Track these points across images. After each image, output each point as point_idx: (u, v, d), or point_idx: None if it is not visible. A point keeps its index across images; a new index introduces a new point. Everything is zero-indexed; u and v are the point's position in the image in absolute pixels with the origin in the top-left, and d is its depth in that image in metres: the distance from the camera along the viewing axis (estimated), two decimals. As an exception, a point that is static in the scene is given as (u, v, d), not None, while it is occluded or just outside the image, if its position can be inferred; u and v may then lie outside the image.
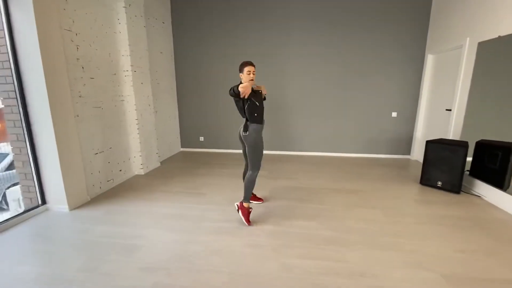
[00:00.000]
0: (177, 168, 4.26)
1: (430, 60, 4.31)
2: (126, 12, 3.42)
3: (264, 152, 5.02)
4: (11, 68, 2.43)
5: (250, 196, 2.51)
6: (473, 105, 3.30)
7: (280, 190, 3.28)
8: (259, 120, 2.42)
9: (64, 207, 2.72)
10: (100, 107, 3.18)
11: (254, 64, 2.37)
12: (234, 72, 4.85)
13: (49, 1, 2.44)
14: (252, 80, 2.31)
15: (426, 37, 4.36)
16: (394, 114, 4.69)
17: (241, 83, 2.32)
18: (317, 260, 1.94)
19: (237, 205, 2.52)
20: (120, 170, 3.59)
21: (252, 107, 2.37)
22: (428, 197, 3.07)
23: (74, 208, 2.78)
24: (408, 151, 4.78)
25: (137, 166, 3.89)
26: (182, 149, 5.47)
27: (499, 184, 2.86)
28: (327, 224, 2.47)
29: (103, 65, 3.22)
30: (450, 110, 3.70)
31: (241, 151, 5.19)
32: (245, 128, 2.42)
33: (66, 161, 2.68)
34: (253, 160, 2.46)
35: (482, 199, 3.02)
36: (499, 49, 2.92)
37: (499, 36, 2.87)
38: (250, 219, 2.47)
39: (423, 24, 4.32)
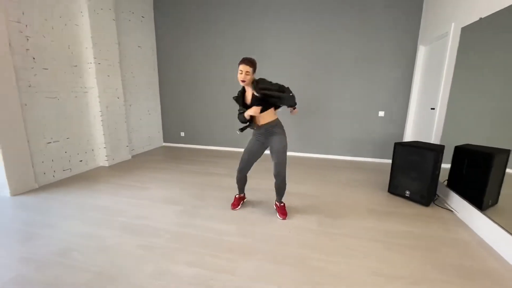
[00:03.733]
0: (145, 161, 4.25)
1: (421, 52, 3.76)
2: (88, 5, 3.46)
3: (238, 149, 4.87)
4: (-46, 57, 2.56)
5: (240, 190, 2.60)
6: (457, 103, 2.78)
7: (224, 189, 3.07)
8: (245, 127, 2.33)
9: (6, 192, 2.82)
10: (55, 97, 3.26)
11: (251, 60, 2.12)
12: (217, 67, 4.75)
13: (-11, -8, 2.53)
14: (243, 81, 2.11)
15: (419, 26, 3.81)
16: (381, 114, 4.19)
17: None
18: (202, 269, 1.72)
19: None
20: (81, 161, 3.66)
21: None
22: (388, 208, 2.65)
23: (17, 194, 2.87)
24: (397, 155, 4.23)
25: (102, 157, 3.94)
26: (164, 144, 5.49)
27: (476, 200, 2.34)
28: (246, 229, 2.22)
29: (60, 56, 3.29)
30: (434, 109, 3.18)
31: (220, 148, 5.08)
32: None
33: (8, 148, 2.76)
34: None
35: (453, 215, 2.52)
36: (482, 36, 2.40)
37: (480, 18, 2.36)
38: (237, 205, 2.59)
39: (416, 10, 3.78)
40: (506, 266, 1.78)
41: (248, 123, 2.27)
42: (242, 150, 4.85)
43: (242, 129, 2.27)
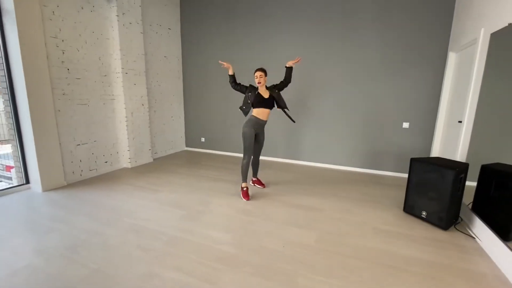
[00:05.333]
0: (164, 165, 4.47)
1: (452, 59, 3.45)
2: (118, 20, 3.80)
3: None
4: (4, 70, 2.98)
5: (244, 178, 3.07)
6: (485, 116, 2.50)
7: (229, 196, 3.10)
8: (245, 113, 3.08)
9: (38, 187, 3.17)
10: (86, 104, 3.61)
11: (263, 68, 3.05)
12: (238, 77, 4.84)
13: (33, 13, 2.91)
14: (259, 83, 2.98)
15: (450, 31, 3.51)
16: (405, 125, 3.91)
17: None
18: (188, 276, 1.76)
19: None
20: (106, 162, 3.98)
21: (244, 100, 3.07)
22: (401, 229, 2.45)
23: (47, 190, 3.21)
24: (422, 170, 3.89)
25: (126, 159, 4.24)
26: (186, 148, 5.72)
27: (502, 228, 2.07)
28: (240, 239, 2.21)
29: (92, 67, 3.64)
30: (461, 122, 2.88)
31: (238, 154, 5.15)
32: None
33: (42, 149, 3.12)
34: (243, 147, 3.05)
35: (475, 242, 2.24)
36: (513, 41, 2.14)
37: (509, 24, 2.10)
38: (249, 196, 3.05)
39: (447, 15, 3.49)
40: (527, 309, 1.53)
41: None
42: (263, 158, 4.89)
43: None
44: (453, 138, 3.28)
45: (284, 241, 2.21)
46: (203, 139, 5.49)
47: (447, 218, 2.40)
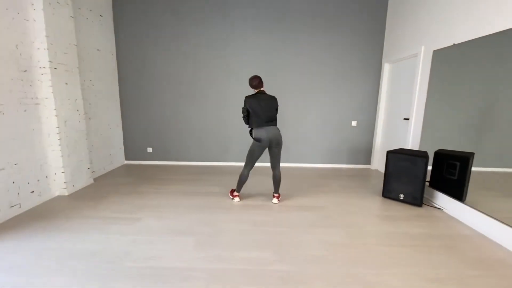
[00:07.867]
0: (115, 185, 3.59)
1: (386, 69, 4.28)
2: (42, -3, 2.78)
3: (218, 163, 4.61)
4: None
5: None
6: (430, 114, 3.23)
7: (230, 210, 2.83)
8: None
9: None
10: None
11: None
12: (186, 75, 4.40)
13: None
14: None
15: (383, 46, 4.34)
16: (354, 123, 4.57)
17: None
18: (266, 308, 1.52)
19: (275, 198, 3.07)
20: (32, 192, 2.85)
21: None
22: (390, 212, 2.86)
23: None
24: (368, 160, 4.68)
25: (60, 185, 3.16)
26: (126, 162, 4.76)
27: (458, 195, 2.75)
28: (284, 254, 2.07)
29: (6, 58, 2.52)
30: (408, 119, 3.63)
31: (197, 163, 4.70)
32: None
33: None
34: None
35: (443, 211, 2.89)
36: (454, 57, 2.87)
37: (454, 44, 2.81)
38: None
39: (379, 32, 4.30)
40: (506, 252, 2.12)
41: None
42: (225, 164, 4.65)
43: None
44: (394, 132, 4.08)
45: (319, 243, 2.21)
46: (150, 149, 4.71)
47: (420, 197, 2.99)
